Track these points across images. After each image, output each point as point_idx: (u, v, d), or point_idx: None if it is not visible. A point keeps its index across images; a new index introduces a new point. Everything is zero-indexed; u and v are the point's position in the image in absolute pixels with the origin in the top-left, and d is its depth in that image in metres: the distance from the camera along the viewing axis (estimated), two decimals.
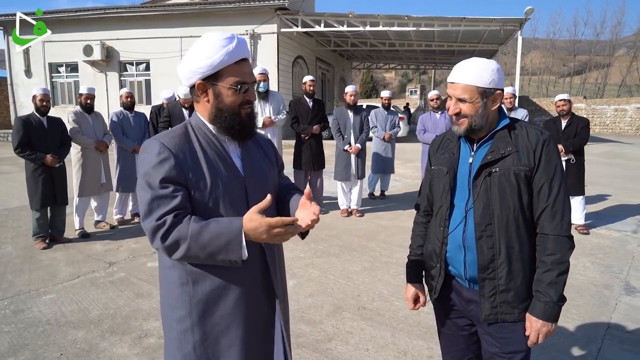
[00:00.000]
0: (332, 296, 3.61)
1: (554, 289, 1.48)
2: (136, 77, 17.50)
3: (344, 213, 6.20)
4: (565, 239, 1.50)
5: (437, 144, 1.78)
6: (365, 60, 29.23)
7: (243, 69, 1.39)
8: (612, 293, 3.70)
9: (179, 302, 1.38)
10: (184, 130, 1.41)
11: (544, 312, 1.49)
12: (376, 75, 59.16)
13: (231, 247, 1.28)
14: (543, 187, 1.51)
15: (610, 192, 7.85)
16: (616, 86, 44.75)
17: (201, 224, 1.28)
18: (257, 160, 1.51)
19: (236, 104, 1.38)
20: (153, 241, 1.28)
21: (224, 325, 1.39)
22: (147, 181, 1.29)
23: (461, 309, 1.67)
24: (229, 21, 15.70)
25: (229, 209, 1.37)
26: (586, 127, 5.38)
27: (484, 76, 1.52)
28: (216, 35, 1.36)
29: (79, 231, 5.21)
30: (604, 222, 5.87)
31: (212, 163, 1.37)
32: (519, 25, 14.39)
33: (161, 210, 1.27)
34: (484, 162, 1.54)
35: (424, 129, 6.57)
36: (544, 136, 1.54)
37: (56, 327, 3.10)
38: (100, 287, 3.78)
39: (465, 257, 1.58)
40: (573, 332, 3.05)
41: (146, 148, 1.34)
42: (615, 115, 24.85)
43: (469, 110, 1.53)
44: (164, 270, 1.44)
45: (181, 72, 1.39)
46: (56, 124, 4.90)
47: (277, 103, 5.93)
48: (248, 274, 1.40)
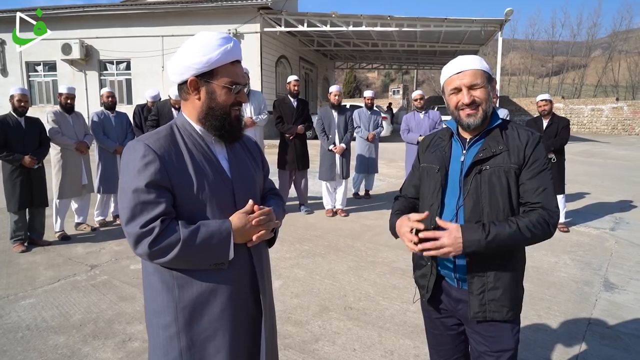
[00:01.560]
0: (318, 296, 3.61)
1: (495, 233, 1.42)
2: (116, 76, 17.19)
3: (329, 213, 6.20)
4: (545, 223, 1.47)
5: (427, 142, 1.78)
6: (349, 60, 29.29)
7: (237, 70, 1.39)
8: (592, 289, 3.79)
9: (165, 307, 1.35)
10: (169, 131, 1.37)
11: (469, 237, 1.42)
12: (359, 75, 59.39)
13: (220, 248, 1.31)
14: (532, 181, 1.52)
15: (588, 190, 8.03)
16: (592, 86, 45.78)
17: (191, 228, 1.27)
18: (244, 162, 1.50)
19: (228, 103, 1.38)
20: (137, 248, 1.25)
21: (212, 331, 1.36)
22: (131, 185, 1.26)
23: (450, 309, 1.67)
24: (211, 20, 15.56)
25: (216, 211, 1.35)
26: (567, 127, 5.49)
27: (483, 63, 1.58)
28: (213, 33, 1.36)
29: (59, 234, 5.09)
30: (583, 220, 6.00)
31: (198, 165, 1.34)
32: (499, 26, 14.60)
33: (146, 216, 1.24)
34: (475, 159, 1.55)
35: (408, 129, 6.62)
36: (534, 136, 1.57)
37: (36, 332, 3.03)
38: (81, 291, 3.70)
39: (456, 256, 1.59)
40: (556, 328, 3.10)
41: (130, 150, 1.30)
42: (592, 115, 25.43)
43: (482, 96, 1.54)
44: (148, 276, 1.41)
45: (173, 68, 1.36)
46: (34, 124, 4.78)
47: (258, 103, 5.89)
48: (235, 277, 1.39)
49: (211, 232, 1.28)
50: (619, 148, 16.52)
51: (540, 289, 3.75)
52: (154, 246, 1.23)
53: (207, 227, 1.29)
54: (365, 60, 28.78)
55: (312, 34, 18.26)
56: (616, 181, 9.24)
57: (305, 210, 6.27)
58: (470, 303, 1.56)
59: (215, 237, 1.28)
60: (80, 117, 5.31)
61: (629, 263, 4.44)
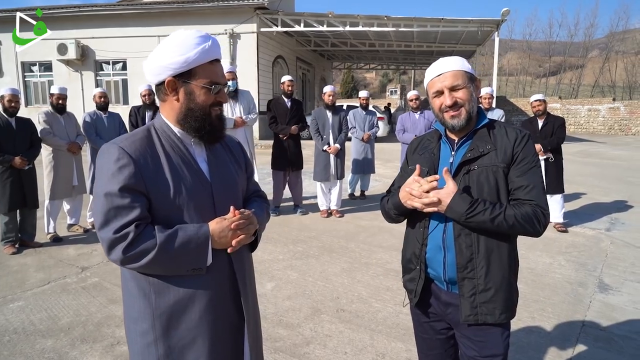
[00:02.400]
0: (310, 299, 3.57)
1: (476, 213, 1.43)
2: (112, 76, 17.14)
3: (323, 214, 6.17)
4: (533, 218, 1.44)
5: (416, 144, 1.76)
6: (346, 61, 29.30)
7: (216, 69, 1.35)
8: (586, 291, 3.76)
9: (142, 314, 1.32)
10: (146, 133, 1.33)
11: (453, 205, 1.44)
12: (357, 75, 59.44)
13: (198, 253, 1.27)
14: (521, 179, 1.50)
15: (584, 191, 8.02)
16: (590, 87, 45.89)
17: (168, 233, 1.24)
18: (225, 164, 1.46)
19: (208, 104, 1.34)
20: (111, 253, 1.22)
21: (190, 339, 1.33)
22: (104, 189, 1.23)
23: (439, 313, 1.64)
24: (207, 20, 15.52)
25: (195, 215, 1.31)
26: (562, 125, 5.47)
27: (465, 63, 1.56)
28: (190, 32, 1.31)
29: (51, 235, 5.05)
30: (578, 220, 5.98)
31: (176, 168, 1.30)
32: (496, 27, 14.60)
33: (120, 221, 1.21)
34: (463, 159, 1.53)
35: (404, 129, 6.59)
36: (522, 134, 1.55)
37: (23, 336, 2.98)
38: (71, 293, 3.66)
39: (445, 257, 1.56)
40: (549, 331, 3.07)
41: (104, 153, 1.27)
42: (589, 115, 25.45)
43: (465, 96, 1.52)
44: (125, 282, 1.37)
45: (149, 68, 1.32)
46: (25, 124, 4.73)
47: (247, 102, 5.84)
48: (214, 283, 1.35)
49: (188, 236, 1.25)
50: (616, 148, 16.54)
51: (535, 291, 3.72)
52: (128, 252, 1.20)
53: (185, 232, 1.25)
54: (362, 60, 28.79)
55: (309, 34, 18.25)
56: (612, 181, 9.23)
57: (299, 211, 6.23)
58: (462, 306, 1.53)
59: (192, 242, 1.25)
60: (72, 117, 5.26)
61: (623, 264, 4.41)
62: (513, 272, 1.57)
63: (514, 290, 1.57)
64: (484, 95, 6.20)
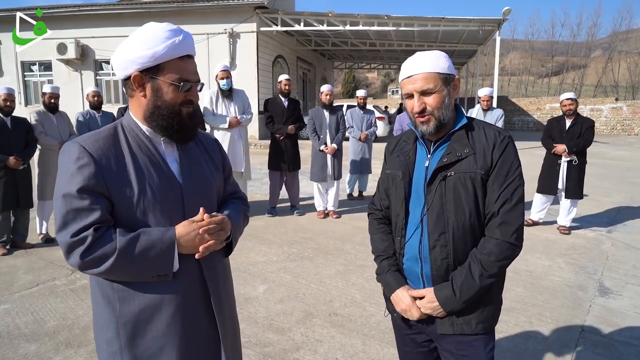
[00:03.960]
0: (303, 302, 3.49)
1: (467, 290, 1.38)
2: (112, 76, 17.08)
3: (320, 214, 6.08)
4: (507, 245, 1.38)
5: (393, 145, 1.64)
6: (347, 60, 29.18)
7: (187, 65, 1.27)
8: (586, 294, 3.67)
9: (107, 322, 1.25)
10: (112, 131, 1.26)
11: (446, 302, 1.41)
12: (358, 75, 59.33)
13: (162, 259, 1.19)
14: (496, 190, 1.39)
15: (586, 191, 7.82)
16: (592, 87, 45.68)
17: (129, 237, 1.16)
18: (199, 164, 1.37)
19: (176, 102, 1.26)
20: (69, 258, 1.16)
21: (157, 348, 1.25)
22: (62, 190, 1.16)
23: (419, 325, 1.55)
24: (207, 20, 15.47)
25: (162, 218, 1.24)
26: (591, 128, 5.26)
27: (440, 62, 1.40)
28: (161, 25, 1.24)
29: (43, 236, 4.98)
30: (579, 222, 5.88)
31: (141, 168, 1.23)
32: (497, 26, 14.48)
33: (78, 224, 1.14)
34: (439, 165, 1.42)
35: (402, 129, 6.50)
36: (502, 136, 1.42)
37: (7, 340, 2.91)
38: (59, 296, 3.59)
39: (422, 269, 1.47)
40: (547, 336, 2.99)
41: (65, 152, 1.20)
42: (592, 115, 25.18)
43: (435, 103, 1.40)
44: (91, 288, 1.30)
45: (116, 62, 1.25)
46: (21, 124, 4.67)
47: (242, 102, 5.75)
48: (182, 290, 1.27)
49: (152, 240, 1.18)
50: (618, 148, 16.40)
51: (533, 294, 3.63)
52: (85, 256, 1.14)
53: (148, 236, 1.18)
54: (363, 60, 28.67)
55: (309, 33, 18.16)
56: (614, 182, 9.12)
57: (296, 212, 6.15)
58: (438, 319, 1.46)
59: (156, 247, 1.18)
60: (65, 116, 5.20)
61: (625, 267, 4.32)
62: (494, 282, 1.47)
63: (494, 299, 1.47)
64: (482, 96, 6.11)
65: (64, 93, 6.06)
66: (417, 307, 1.46)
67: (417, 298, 1.48)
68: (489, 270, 1.37)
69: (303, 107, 19.32)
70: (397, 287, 1.51)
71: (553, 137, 5.46)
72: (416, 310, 1.46)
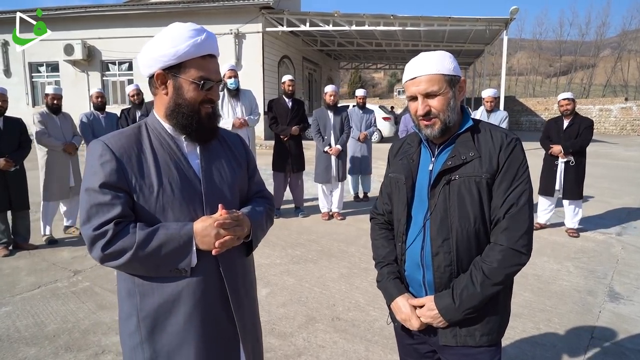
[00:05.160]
0: (305, 306, 3.44)
1: (467, 298, 1.31)
2: (118, 77, 17.16)
3: (324, 216, 6.03)
4: (513, 251, 1.31)
5: (397, 148, 1.60)
6: (353, 60, 29.11)
7: (209, 64, 1.28)
8: (595, 300, 3.58)
9: (129, 316, 1.29)
10: (136, 129, 1.30)
11: (446, 311, 1.34)
12: (365, 75, 59.20)
13: (180, 253, 1.21)
14: (501, 194, 1.33)
15: (594, 193, 7.78)
16: (601, 86, 45.26)
17: (148, 230, 1.19)
18: (220, 162, 1.37)
19: (197, 100, 1.27)
20: (91, 250, 1.19)
21: (176, 344, 1.27)
22: (87, 185, 1.21)
23: (421, 335, 1.49)
24: (213, 20, 15.45)
25: (181, 215, 1.25)
26: (589, 127, 5.20)
27: (445, 63, 1.35)
28: (185, 25, 1.26)
29: (46, 237, 4.97)
30: (588, 224, 5.77)
31: (162, 166, 1.25)
32: (504, 25, 14.35)
33: (100, 218, 1.17)
34: (443, 168, 1.36)
35: (407, 130, 6.43)
36: (509, 138, 1.37)
37: (7, 343, 2.89)
38: (60, 298, 3.56)
39: (424, 277, 1.41)
40: (555, 343, 2.91)
41: (90, 149, 1.26)
42: (601, 115, 24.99)
43: (440, 105, 1.35)
44: (117, 281, 1.34)
45: (141, 60, 1.28)
46: (15, 125, 4.63)
47: (249, 102, 5.71)
48: (200, 287, 1.27)
49: (170, 234, 1.20)
50: (628, 149, 16.18)
51: (541, 299, 3.56)
52: (106, 249, 1.17)
53: (166, 230, 1.20)
54: (369, 60, 28.57)
55: (315, 33, 18.12)
56: (624, 183, 8.98)
57: (300, 214, 6.10)
58: (440, 330, 1.40)
59: (174, 241, 1.20)
60: (68, 117, 5.18)
61: (636, 271, 4.22)
62: (501, 291, 1.40)
63: (501, 310, 1.41)
64: (486, 98, 6.03)
65: (71, 94, 6.07)
66: (417, 317, 1.40)
67: (418, 307, 1.42)
68: (492, 279, 1.31)
69: (309, 107, 19.28)
70: (397, 295, 1.46)
71: (551, 138, 5.42)
72: (416, 319, 1.40)
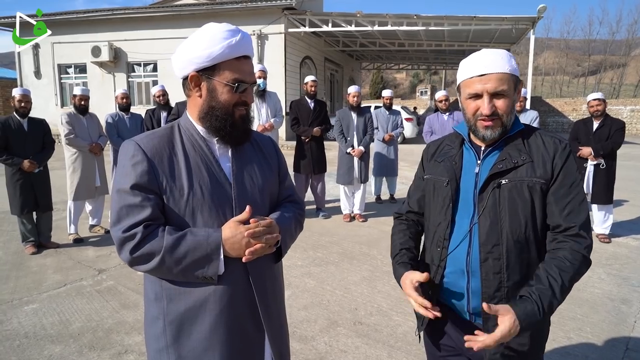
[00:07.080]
0: (327, 309, 3.39)
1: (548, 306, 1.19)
2: (143, 78, 17.46)
3: (346, 218, 5.97)
4: (586, 259, 1.25)
5: (433, 149, 1.53)
6: (375, 61, 28.92)
7: (243, 66, 1.25)
8: (630, 309, 3.43)
9: (155, 319, 1.27)
10: (168, 130, 1.28)
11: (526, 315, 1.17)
12: (386, 75, 58.80)
13: (208, 260, 1.18)
14: (560, 201, 1.27)
15: (627, 197, 7.50)
16: (632, 86, 43.81)
17: (176, 235, 1.16)
18: (252, 166, 1.34)
19: (231, 103, 1.24)
20: (120, 252, 1.17)
21: (201, 350, 1.24)
22: (118, 186, 1.20)
23: (458, 346, 1.41)
24: (236, 21, 15.46)
25: (209, 219, 1.22)
26: (621, 129, 5.01)
27: (512, 62, 1.30)
28: (219, 25, 1.23)
29: (72, 236, 5.06)
30: (620, 229, 5.56)
31: (194, 168, 1.23)
32: (532, 24, 14.02)
33: (130, 220, 1.15)
34: (493, 171, 1.30)
35: (431, 131, 6.32)
36: (563, 145, 1.31)
37: (33, 341, 2.93)
38: (85, 297, 3.61)
39: (469, 283, 1.33)
40: (588, 354, 2.79)
41: (122, 149, 1.25)
42: (632, 116, 24.17)
43: (505, 107, 1.29)
44: (144, 283, 1.33)
45: (176, 62, 1.26)
46: (38, 126, 4.72)
47: (273, 104, 5.72)
48: (228, 294, 1.24)
49: (198, 241, 1.16)
50: None
51: (571, 307, 3.43)
52: (135, 252, 1.15)
53: (194, 236, 1.17)
54: (392, 60, 28.35)
55: (337, 34, 18.06)
56: None
57: (322, 215, 6.06)
58: None
59: (201, 248, 1.17)
60: (95, 118, 5.26)
61: None
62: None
63: (546, 323, 1.34)
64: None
65: (98, 95, 6.14)
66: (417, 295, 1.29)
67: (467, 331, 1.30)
68: (569, 286, 1.23)
69: (330, 108, 19.25)
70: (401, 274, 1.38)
71: (579, 140, 5.23)
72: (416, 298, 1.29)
